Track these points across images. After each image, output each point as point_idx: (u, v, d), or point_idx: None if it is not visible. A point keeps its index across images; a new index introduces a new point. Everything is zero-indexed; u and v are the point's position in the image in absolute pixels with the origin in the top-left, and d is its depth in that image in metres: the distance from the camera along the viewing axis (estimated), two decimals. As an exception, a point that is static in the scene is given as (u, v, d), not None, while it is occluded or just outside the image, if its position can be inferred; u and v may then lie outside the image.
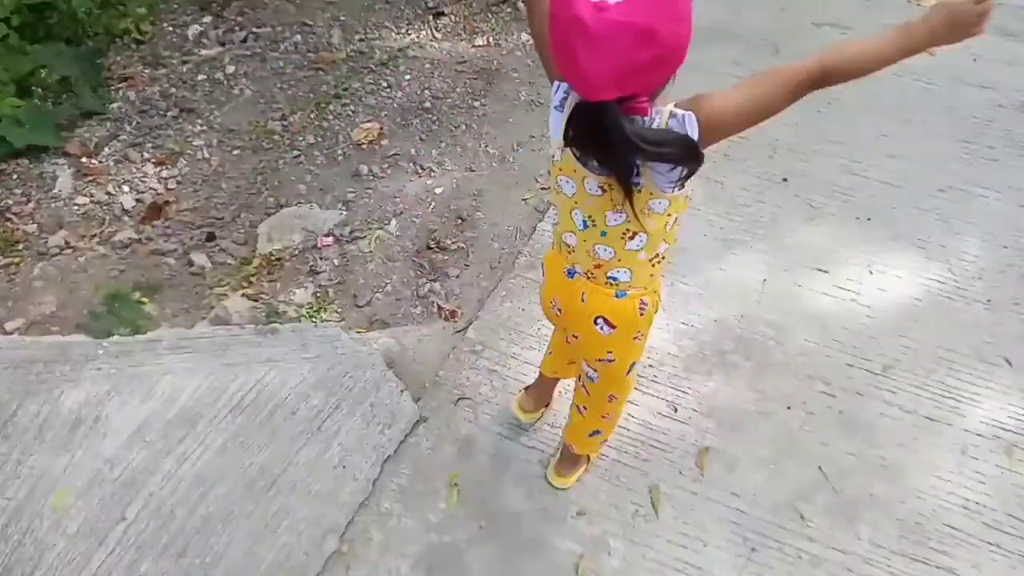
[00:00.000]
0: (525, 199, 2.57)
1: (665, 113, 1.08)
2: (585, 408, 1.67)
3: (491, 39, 3.27)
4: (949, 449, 1.89)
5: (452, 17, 3.41)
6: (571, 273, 1.35)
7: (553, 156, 1.24)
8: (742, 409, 1.97)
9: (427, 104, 2.95)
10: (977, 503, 1.79)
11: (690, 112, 1.07)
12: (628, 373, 1.54)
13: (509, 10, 3.42)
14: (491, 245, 2.44)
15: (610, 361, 1.47)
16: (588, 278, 1.32)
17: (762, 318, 2.18)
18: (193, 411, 1.93)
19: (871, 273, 2.31)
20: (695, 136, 1.07)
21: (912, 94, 2.96)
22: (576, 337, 1.46)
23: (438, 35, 3.31)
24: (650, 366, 2.05)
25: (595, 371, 1.53)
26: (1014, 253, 2.37)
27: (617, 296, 1.32)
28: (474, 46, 3.24)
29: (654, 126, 1.08)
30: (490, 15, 3.41)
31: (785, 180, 2.59)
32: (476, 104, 2.95)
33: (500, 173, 2.68)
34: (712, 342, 2.13)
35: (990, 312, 2.20)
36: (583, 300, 1.35)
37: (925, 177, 2.61)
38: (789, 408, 1.97)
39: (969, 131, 2.81)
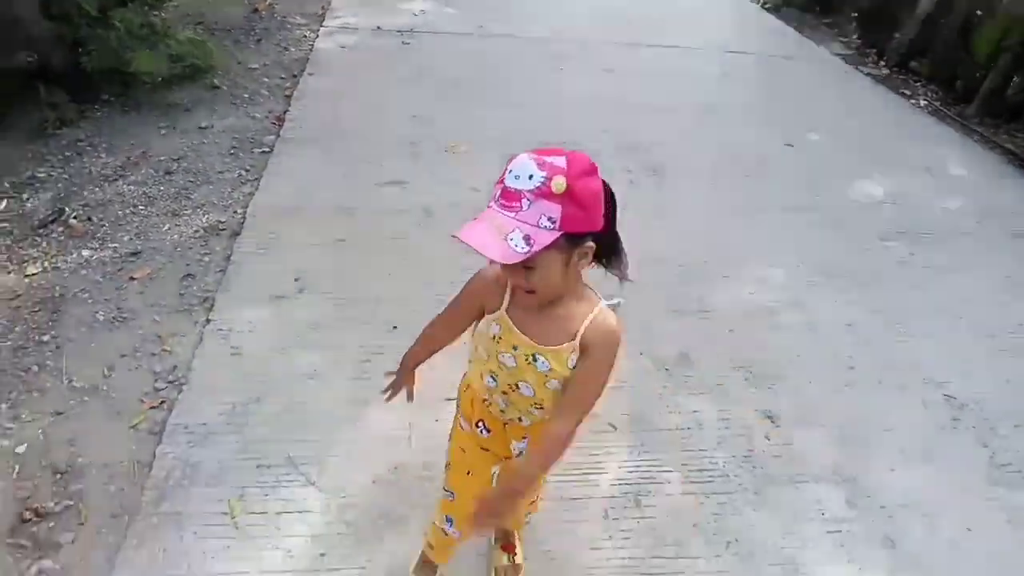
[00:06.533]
0: (133, 425, 2.31)
1: None
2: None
3: (47, 264, 2.92)
4: (595, 521, 2.16)
5: (-10, 250, 2.99)
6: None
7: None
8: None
9: (-21, 357, 2.50)
10: (629, 557, 2.08)
11: None
12: None
13: (60, 228, 3.12)
14: (106, 490, 2.11)
15: None
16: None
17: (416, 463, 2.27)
18: None
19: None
20: None
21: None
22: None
23: (-24, 275, 2.86)
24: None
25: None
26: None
27: None
28: (27, 276, 2.85)
29: None
30: (39, 239, 3.06)
31: (395, 327, 2.78)
32: (46, 339, 2.58)
33: (96, 406, 2.36)
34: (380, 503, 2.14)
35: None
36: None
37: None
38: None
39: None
